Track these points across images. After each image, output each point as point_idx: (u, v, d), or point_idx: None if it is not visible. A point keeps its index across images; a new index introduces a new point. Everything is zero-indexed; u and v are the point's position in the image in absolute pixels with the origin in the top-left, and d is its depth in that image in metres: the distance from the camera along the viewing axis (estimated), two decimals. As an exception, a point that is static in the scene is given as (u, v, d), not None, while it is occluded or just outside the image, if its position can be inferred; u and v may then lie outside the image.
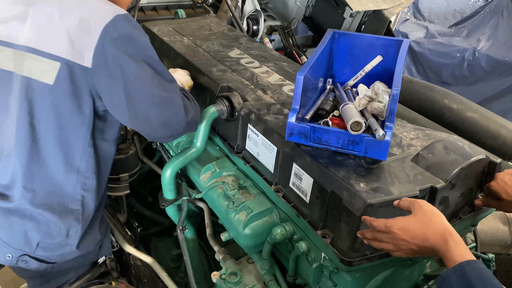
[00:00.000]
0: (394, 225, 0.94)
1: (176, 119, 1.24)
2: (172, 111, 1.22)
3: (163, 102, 1.20)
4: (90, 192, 1.32)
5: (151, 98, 1.18)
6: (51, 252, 1.32)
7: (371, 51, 1.37)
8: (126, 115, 1.19)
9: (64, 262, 1.35)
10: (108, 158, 1.38)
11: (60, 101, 1.18)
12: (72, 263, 1.39)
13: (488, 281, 0.83)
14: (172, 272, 1.85)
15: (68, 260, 1.36)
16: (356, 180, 1.06)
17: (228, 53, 1.80)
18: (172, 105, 1.22)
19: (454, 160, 1.12)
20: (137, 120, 1.20)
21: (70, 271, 1.42)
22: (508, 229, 1.70)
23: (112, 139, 1.36)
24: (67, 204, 1.29)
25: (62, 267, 1.37)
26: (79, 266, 1.44)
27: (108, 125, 1.32)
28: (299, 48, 3.17)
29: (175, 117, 1.23)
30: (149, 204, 2.18)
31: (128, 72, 1.15)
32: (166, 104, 1.20)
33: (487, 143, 1.59)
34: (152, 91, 1.18)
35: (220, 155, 1.57)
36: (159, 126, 1.21)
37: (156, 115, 1.19)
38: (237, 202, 1.33)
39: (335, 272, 1.14)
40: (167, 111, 1.21)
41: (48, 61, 1.15)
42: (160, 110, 1.19)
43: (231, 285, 1.32)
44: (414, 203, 0.95)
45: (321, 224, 1.13)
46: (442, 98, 1.71)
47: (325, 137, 1.11)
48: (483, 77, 5.29)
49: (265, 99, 1.46)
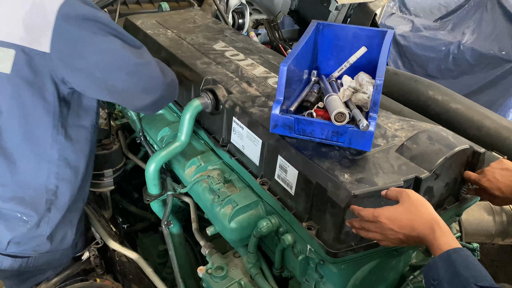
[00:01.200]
0: (382, 215, 0.94)
1: (155, 83, 1.22)
2: (149, 75, 1.20)
3: (138, 69, 1.18)
4: (65, 182, 1.29)
5: (126, 68, 1.15)
6: (23, 246, 1.29)
7: (355, 43, 1.37)
8: (104, 91, 1.17)
9: (38, 256, 1.32)
10: (85, 145, 1.34)
11: (21, 90, 1.15)
12: (48, 259, 1.35)
13: (475, 268, 0.83)
14: (159, 268, 1.84)
15: (43, 253, 1.32)
16: (341, 171, 1.06)
17: (213, 45, 1.78)
18: (148, 69, 1.20)
19: (438, 150, 1.12)
20: (117, 93, 1.18)
21: (47, 269, 1.39)
22: (493, 219, 1.72)
23: (89, 125, 1.33)
24: (40, 195, 1.26)
25: (38, 262, 1.34)
26: (56, 262, 1.41)
27: (83, 110, 1.28)
28: (285, 41, 3.16)
29: (154, 81, 1.21)
30: (135, 200, 2.16)
31: (96, 49, 1.12)
32: (142, 70, 1.18)
33: (471, 134, 1.60)
34: (125, 61, 1.15)
35: (205, 149, 1.55)
36: (140, 94, 1.20)
37: (134, 83, 1.17)
38: (222, 196, 1.32)
39: (321, 264, 1.13)
40: (144, 77, 1.19)
41: (2, 49, 1.11)
42: (138, 77, 1.17)
43: (218, 279, 1.31)
44: (402, 193, 0.95)
45: (307, 216, 1.12)
46: (427, 89, 1.72)
47: (309, 129, 1.10)
48: (468, 70, 5.34)
49: (250, 91, 1.44)
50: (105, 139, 1.78)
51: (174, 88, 1.34)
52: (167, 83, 1.26)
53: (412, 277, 1.31)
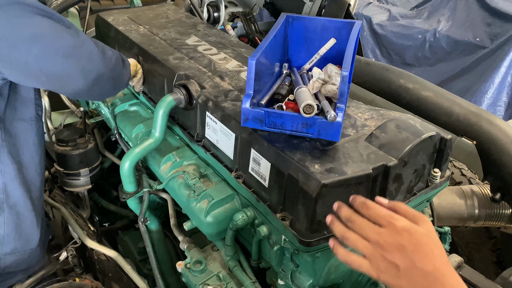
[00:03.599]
0: (400, 221, 0.77)
1: (94, 62, 1.17)
2: (87, 55, 1.15)
3: (74, 50, 1.12)
4: (12, 180, 1.26)
5: (61, 51, 1.10)
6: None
7: (325, 34, 1.38)
8: (40, 79, 1.11)
9: (3, 257, 1.30)
10: (28, 140, 1.30)
11: None
12: (14, 260, 1.33)
13: None
14: (140, 264, 1.84)
15: (7, 254, 1.30)
16: (311, 162, 1.08)
17: (185, 40, 1.77)
18: (84, 49, 1.15)
19: (405, 138, 1.15)
20: (55, 79, 1.12)
21: (17, 271, 1.37)
22: (464, 203, 1.77)
23: (29, 118, 1.28)
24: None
25: (4, 264, 1.32)
26: (25, 264, 1.39)
27: (20, 103, 1.24)
28: (261, 34, 3.16)
29: (93, 60, 1.16)
30: (114, 198, 2.15)
31: (26, 34, 1.06)
32: (78, 51, 1.13)
33: (442, 120, 1.64)
34: (59, 43, 1.10)
35: (180, 145, 1.55)
36: (80, 77, 1.14)
37: (72, 66, 1.12)
38: (198, 190, 1.33)
39: (296, 253, 1.16)
40: (81, 57, 1.13)
41: None
42: (75, 59, 1.12)
43: (196, 273, 1.33)
44: (423, 218, 0.80)
45: (280, 207, 1.14)
46: (398, 78, 1.75)
47: (279, 121, 1.11)
48: (444, 57, 5.44)
49: (222, 86, 1.45)
50: (80, 138, 1.77)
51: (117, 67, 1.27)
52: (107, 60, 1.20)
53: (386, 262, 1.34)
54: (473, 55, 5.18)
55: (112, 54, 1.27)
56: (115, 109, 1.77)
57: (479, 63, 5.11)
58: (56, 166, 1.81)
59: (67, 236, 1.75)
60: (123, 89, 1.49)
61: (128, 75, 1.43)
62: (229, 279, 1.31)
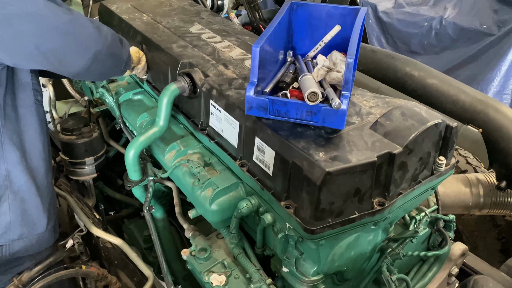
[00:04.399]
0: None
1: (90, 38, 1.18)
2: (82, 31, 1.15)
3: (68, 26, 1.13)
4: (15, 166, 1.26)
5: (56, 28, 1.10)
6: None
7: (329, 21, 1.37)
8: (39, 58, 1.11)
9: (11, 243, 1.31)
10: (29, 125, 1.30)
11: None
12: (23, 245, 1.35)
13: None
14: (146, 252, 1.86)
15: (15, 240, 1.31)
16: (316, 150, 1.08)
17: (189, 28, 1.76)
18: (79, 25, 1.15)
19: (411, 125, 1.14)
20: (53, 58, 1.13)
21: (25, 257, 1.39)
22: (470, 191, 1.77)
23: (29, 104, 1.28)
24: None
25: (12, 250, 1.33)
26: (33, 249, 1.40)
27: (18, 88, 1.24)
28: (266, 22, 3.14)
29: (89, 36, 1.17)
30: (119, 187, 2.16)
31: (21, 14, 1.05)
32: (73, 27, 1.13)
33: (447, 108, 1.63)
34: (53, 20, 1.10)
35: (184, 133, 1.55)
36: (78, 54, 1.14)
37: (69, 43, 1.12)
38: (202, 179, 1.33)
39: (300, 241, 1.16)
40: (77, 33, 1.14)
41: None
42: (71, 36, 1.13)
43: (201, 260, 1.34)
44: None
45: (284, 195, 1.14)
46: (404, 66, 1.74)
47: (283, 109, 1.11)
48: (450, 45, 5.37)
49: (226, 74, 1.44)
50: (84, 126, 1.77)
51: (115, 43, 1.28)
52: (104, 36, 1.21)
53: (390, 250, 1.35)
54: (480, 43, 5.11)
55: (108, 31, 1.27)
56: (119, 98, 1.77)
57: (485, 50, 5.04)
58: (61, 155, 1.82)
59: (73, 224, 1.77)
60: (125, 71, 1.48)
61: (127, 53, 1.42)
62: (234, 266, 1.32)
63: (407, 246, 1.38)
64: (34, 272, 1.39)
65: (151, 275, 1.46)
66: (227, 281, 1.27)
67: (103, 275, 1.53)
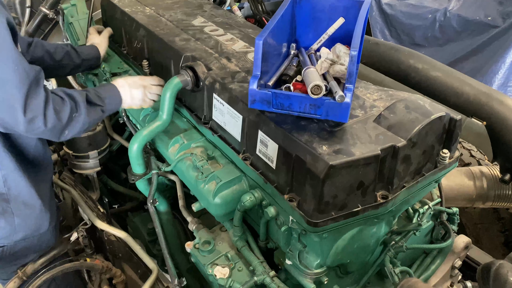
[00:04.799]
0: None
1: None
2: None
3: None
4: (12, 171, 1.28)
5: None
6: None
7: (333, 14, 1.36)
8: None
9: (13, 244, 1.33)
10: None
11: None
12: (25, 245, 1.37)
13: None
14: (150, 245, 1.87)
15: (18, 241, 1.33)
16: (319, 143, 1.07)
17: (192, 21, 1.76)
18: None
19: (414, 118, 1.14)
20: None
21: (28, 253, 1.41)
22: (473, 184, 1.76)
23: None
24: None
25: (14, 250, 1.36)
26: (35, 248, 1.42)
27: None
28: (269, 14, 3.12)
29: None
30: (123, 180, 2.17)
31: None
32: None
33: (451, 101, 1.62)
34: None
35: (188, 127, 1.55)
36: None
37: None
38: (206, 172, 1.33)
39: (303, 234, 1.16)
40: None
41: None
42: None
43: (205, 253, 1.34)
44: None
45: (288, 189, 1.15)
46: (408, 58, 1.73)
47: (287, 103, 1.11)
48: (454, 37, 5.32)
49: (229, 67, 1.44)
50: (88, 120, 1.77)
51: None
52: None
53: (394, 242, 1.35)
54: (484, 35, 5.07)
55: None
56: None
57: (490, 42, 5.00)
58: (65, 148, 1.82)
59: (78, 218, 1.78)
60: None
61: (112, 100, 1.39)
62: (238, 259, 1.33)
63: (410, 239, 1.39)
64: (38, 265, 1.40)
65: (155, 267, 1.47)
66: (231, 273, 1.28)
67: (107, 267, 1.54)
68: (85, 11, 2.10)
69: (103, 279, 1.61)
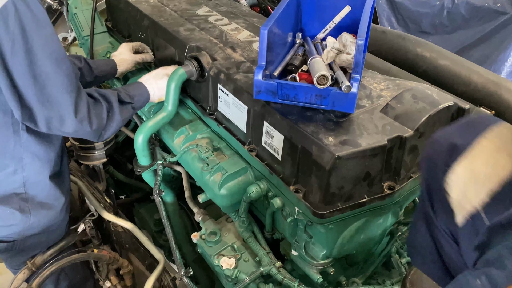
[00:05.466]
0: None
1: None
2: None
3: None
4: (33, 174, 1.30)
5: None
6: (6, 232, 1.31)
7: (339, 2, 1.34)
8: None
9: (24, 239, 1.35)
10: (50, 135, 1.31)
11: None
12: (34, 240, 1.38)
13: None
14: (156, 235, 1.88)
15: (28, 236, 1.35)
16: (325, 134, 1.06)
17: (196, 11, 1.74)
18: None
19: (422, 108, 1.12)
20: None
21: (39, 246, 1.43)
22: (481, 174, 1.74)
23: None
24: (10, 190, 1.28)
25: (24, 244, 1.37)
26: (43, 243, 1.44)
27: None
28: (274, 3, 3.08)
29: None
30: (129, 171, 2.17)
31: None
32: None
33: (459, 90, 1.59)
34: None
35: (193, 118, 1.55)
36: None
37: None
38: (211, 163, 1.33)
39: (309, 225, 1.16)
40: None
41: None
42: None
43: (211, 244, 1.35)
44: None
45: (293, 180, 1.14)
46: (415, 47, 1.69)
47: (292, 93, 1.09)
48: (463, 24, 5.23)
49: (234, 57, 1.42)
50: (93, 112, 1.77)
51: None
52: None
53: (400, 233, 1.34)
54: (493, 22, 4.97)
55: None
56: (127, 82, 1.77)
57: (499, 30, 4.91)
58: (71, 140, 1.83)
59: (84, 209, 1.79)
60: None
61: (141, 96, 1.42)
62: (244, 249, 1.33)
63: (417, 230, 1.38)
64: (47, 256, 1.42)
65: (162, 258, 1.48)
66: (237, 264, 1.28)
67: (114, 258, 1.55)
68: (89, 2, 2.09)
69: (111, 269, 1.63)
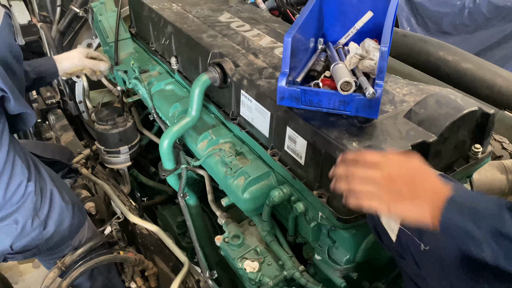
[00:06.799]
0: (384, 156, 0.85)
1: None
2: None
3: None
4: (49, 183, 1.36)
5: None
6: (28, 241, 1.34)
7: (361, 7, 1.34)
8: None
9: (45, 241, 1.38)
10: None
11: None
12: (57, 238, 1.41)
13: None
14: (179, 238, 1.91)
15: (48, 237, 1.38)
16: (349, 140, 1.07)
17: (218, 17, 1.77)
18: None
19: (446, 113, 1.12)
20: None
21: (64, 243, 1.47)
22: (506, 177, 1.72)
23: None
24: (22, 199, 1.31)
25: (48, 245, 1.40)
26: (67, 238, 1.47)
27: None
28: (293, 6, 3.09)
29: None
30: (152, 174, 2.22)
31: None
32: None
33: (483, 93, 1.58)
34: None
35: (216, 123, 1.57)
36: None
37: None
38: (234, 168, 1.35)
39: (333, 229, 1.17)
40: None
41: None
42: None
43: (235, 247, 1.37)
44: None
45: (317, 185, 1.15)
46: (437, 50, 1.69)
47: (316, 99, 1.11)
48: (484, 24, 5.15)
49: (256, 63, 1.44)
50: (118, 116, 1.82)
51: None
52: None
53: (423, 238, 1.34)
54: (516, 21, 4.89)
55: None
56: (151, 88, 1.81)
57: (521, 29, 4.82)
58: (96, 144, 1.88)
59: (110, 211, 1.83)
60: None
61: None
62: (267, 253, 1.35)
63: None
64: (76, 256, 1.46)
65: (186, 260, 1.50)
66: (260, 267, 1.30)
67: (140, 260, 1.59)
68: (113, 9, 2.13)
69: (136, 271, 1.66)
